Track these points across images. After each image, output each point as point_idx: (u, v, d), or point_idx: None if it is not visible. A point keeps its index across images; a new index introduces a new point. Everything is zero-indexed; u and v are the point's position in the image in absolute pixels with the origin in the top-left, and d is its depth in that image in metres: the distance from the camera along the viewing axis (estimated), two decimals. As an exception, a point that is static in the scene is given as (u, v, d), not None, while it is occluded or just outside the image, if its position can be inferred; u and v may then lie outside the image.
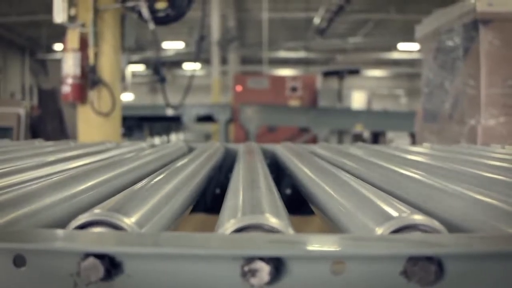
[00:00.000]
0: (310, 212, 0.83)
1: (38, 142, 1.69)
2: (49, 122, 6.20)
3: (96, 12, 3.69)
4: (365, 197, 0.57)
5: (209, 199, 1.39)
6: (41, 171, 0.85)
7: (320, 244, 0.40)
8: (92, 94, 3.76)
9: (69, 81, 3.75)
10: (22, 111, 5.57)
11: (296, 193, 1.12)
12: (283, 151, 1.35)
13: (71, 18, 3.67)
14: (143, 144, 1.57)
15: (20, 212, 0.51)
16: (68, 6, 3.62)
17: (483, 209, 0.52)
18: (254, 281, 0.37)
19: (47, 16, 4.54)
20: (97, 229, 0.43)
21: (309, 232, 0.42)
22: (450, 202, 0.58)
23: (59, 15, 3.60)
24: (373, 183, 0.77)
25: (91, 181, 0.68)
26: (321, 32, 11.77)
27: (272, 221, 0.44)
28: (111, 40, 3.79)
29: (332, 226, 0.61)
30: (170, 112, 7.23)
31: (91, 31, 3.68)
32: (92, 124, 3.80)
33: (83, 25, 3.70)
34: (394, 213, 0.46)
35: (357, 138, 8.15)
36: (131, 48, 4.14)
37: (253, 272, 0.37)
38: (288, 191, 1.44)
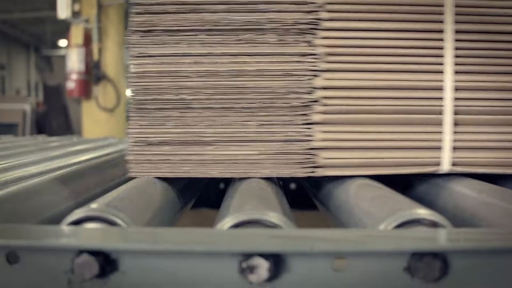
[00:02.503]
0: (315, 207, 0.82)
1: (41, 138, 1.69)
2: (54, 117, 6.22)
3: (100, 7, 3.70)
4: (368, 191, 0.56)
5: (213, 194, 1.38)
6: (41, 166, 0.85)
7: (321, 240, 0.39)
8: (97, 90, 3.76)
9: (74, 77, 3.76)
10: (27, 107, 5.59)
11: (301, 188, 1.11)
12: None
13: (75, 14, 3.67)
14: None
15: (19, 207, 0.51)
16: (72, 2, 3.62)
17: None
18: (252, 278, 0.36)
19: (51, 13, 4.54)
20: (92, 225, 0.42)
21: (312, 227, 0.41)
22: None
23: (63, 11, 3.61)
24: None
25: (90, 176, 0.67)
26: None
27: (272, 216, 0.43)
28: (115, 35, 3.80)
29: (335, 221, 0.60)
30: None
31: (95, 26, 3.68)
32: (96, 119, 3.81)
33: (87, 21, 3.70)
34: (398, 208, 0.45)
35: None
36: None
37: (251, 269, 0.36)
38: (292, 186, 1.43)
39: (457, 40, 0.62)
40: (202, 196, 0.89)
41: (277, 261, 0.37)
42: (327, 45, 0.62)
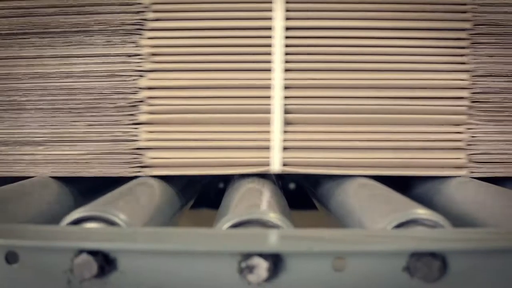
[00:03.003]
0: (314, 207, 0.82)
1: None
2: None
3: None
4: (367, 191, 0.56)
5: (212, 194, 1.38)
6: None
7: (321, 239, 0.39)
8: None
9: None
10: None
11: (300, 188, 1.12)
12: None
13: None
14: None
15: (17, 206, 0.51)
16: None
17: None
18: (251, 277, 0.36)
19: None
20: (91, 225, 0.42)
21: (311, 227, 0.41)
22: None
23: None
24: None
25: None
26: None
27: (272, 216, 0.43)
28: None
29: (334, 221, 0.60)
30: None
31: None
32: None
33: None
34: (397, 207, 0.45)
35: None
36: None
37: (250, 269, 0.36)
38: (291, 186, 1.43)
39: (287, 37, 0.63)
40: (202, 195, 0.90)
41: (276, 261, 0.37)
42: (152, 45, 0.63)
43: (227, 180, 0.68)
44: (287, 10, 0.62)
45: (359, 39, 0.63)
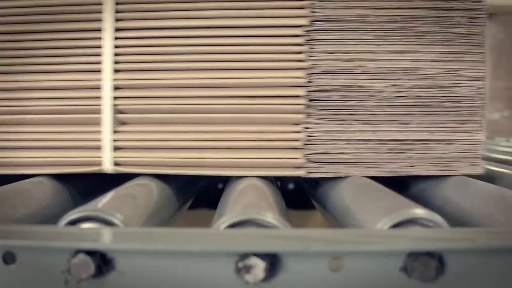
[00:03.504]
0: (313, 207, 0.82)
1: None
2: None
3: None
4: (364, 191, 0.56)
5: (211, 194, 1.38)
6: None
7: (318, 239, 0.39)
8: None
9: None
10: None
11: (299, 188, 1.12)
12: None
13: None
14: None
15: (14, 206, 0.51)
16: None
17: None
18: (249, 278, 0.36)
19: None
20: (88, 225, 0.42)
21: (309, 227, 0.41)
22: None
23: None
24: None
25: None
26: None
27: (269, 216, 0.43)
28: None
29: (332, 220, 0.60)
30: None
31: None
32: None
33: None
34: (394, 207, 0.45)
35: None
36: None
37: (247, 269, 0.36)
38: (290, 186, 1.43)
39: (117, 38, 0.63)
40: (200, 196, 0.90)
41: (274, 261, 0.37)
42: None
43: (226, 180, 0.68)
44: (117, 12, 0.63)
45: (192, 38, 0.63)
